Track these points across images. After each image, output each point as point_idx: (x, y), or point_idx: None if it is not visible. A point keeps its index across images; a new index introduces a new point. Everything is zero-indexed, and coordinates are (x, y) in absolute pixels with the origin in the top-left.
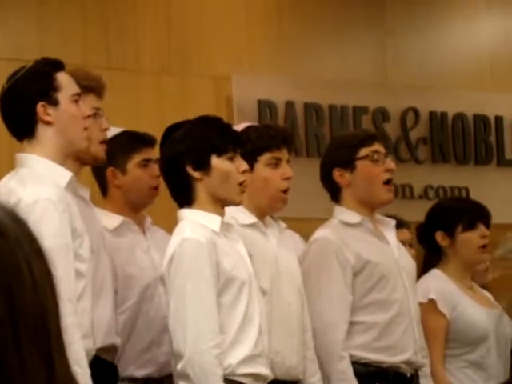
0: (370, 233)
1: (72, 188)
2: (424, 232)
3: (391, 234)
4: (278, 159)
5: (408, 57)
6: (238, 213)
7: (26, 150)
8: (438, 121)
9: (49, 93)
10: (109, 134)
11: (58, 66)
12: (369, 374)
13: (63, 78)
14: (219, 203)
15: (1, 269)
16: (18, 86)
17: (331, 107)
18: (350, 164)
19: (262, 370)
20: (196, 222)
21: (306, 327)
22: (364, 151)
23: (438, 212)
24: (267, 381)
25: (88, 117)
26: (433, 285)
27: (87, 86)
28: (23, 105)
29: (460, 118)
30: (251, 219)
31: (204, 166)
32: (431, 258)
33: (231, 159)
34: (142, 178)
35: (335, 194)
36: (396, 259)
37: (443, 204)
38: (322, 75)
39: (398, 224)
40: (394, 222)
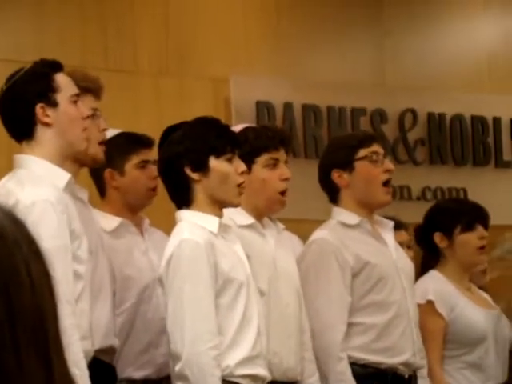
0: (369, 234)
1: (70, 189)
2: (422, 233)
3: (389, 236)
4: (275, 160)
5: (406, 58)
6: (235, 214)
7: (24, 152)
8: (435, 122)
9: (47, 94)
10: (107, 135)
11: (57, 67)
12: (367, 375)
13: (62, 79)
14: (217, 204)
15: None
16: (16, 88)
17: (329, 108)
18: (348, 165)
19: (260, 371)
20: (194, 224)
21: (303, 328)
22: (363, 152)
23: (436, 213)
24: (265, 382)
25: (87, 117)
26: (431, 286)
27: (85, 87)
28: (22, 106)
29: (458, 119)
30: (249, 220)
31: (202, 168)
32: (429, 259)
33: (229, 160)
34: (140, 180)
35: (333, 195)
36: (394, 261)
37: (441, 205)
38: (320, 77)
39: (396, 225)
40: (392, 223)
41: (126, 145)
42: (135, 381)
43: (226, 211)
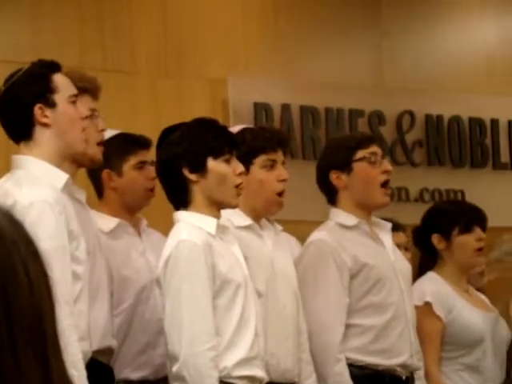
0: (367, 235)
1: (68, 190)
2: (420, 235)
3: (387, 237)
4: (273, 161)
5: (404, 60)
6: (233, 215)
7: (22, 152)
8: (433, 124)
9: (46, 95)
10: (105, 135)
11: (55, 67)
12: (364, 376)
13: (60, 80)
14: (215, 205)
15: None
16: (14, 89)
17: (327, 110)
18: (346, 166)
19: (257, 372)
20: (192, 224)
21: (301, 329)
22: (361, 153)
23: (434, 215)
24: (263, 383)
25: (85, 118)
26: (428, 288)
27: (82, 87)
28: (20, 107)
29: (456, 121)
30: (246, 221)
31: (200, 169)
32: (427, 260)
33: (227, 161)
34: (138, 180)
35: (331, 196)
36: (392, 262)
37: (439, 207)
38: (318, 78)
39: (393, 227)
40: (389, 224)
41: (123, 146)
42: (132, 382)
43: (224, 212)
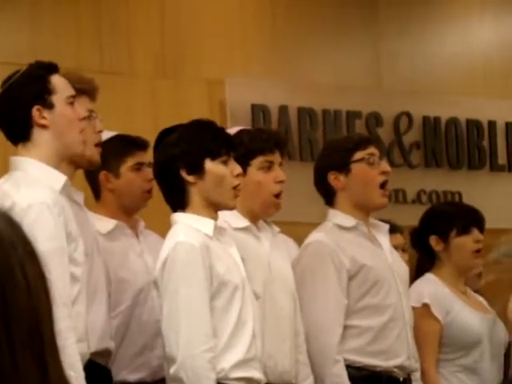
0: (365, 237)
1: (66, 192)
2: (418, 236)
3: (384, 239)
4: (270, 163)
5: (401, 61)
6: (230, 216)
7: (20, 154)
8: (431, 125)
9: (44, 96)
10: (102, 137)
11: (52, 68)
12: (362, 377)
13: (58, 81)
14: (213, 207)
15: None
16: (12, 91)
17: (325, 112)
18: (345, 167)
19: (255, 374)
20: (189, 226)
21: (298, 331)
22: (359, 154)
23: (432, 216)
24: None
25: (83, 119)
26: (426, 289)
27: (80, 88)
28: (18, 109)
29: (453, 122)
30: (244, 223)
31: (198, 170)
32: (425, 262)
33: (225, 163)
34: (135, 182)
35: (329, 197)
36: (390, 264)
37: (437, 208)
38: (316, 80)
39: (391, 229)
40: (387, 226)
41: (121, 147)
42: (130, 383)
43: (221, 214)
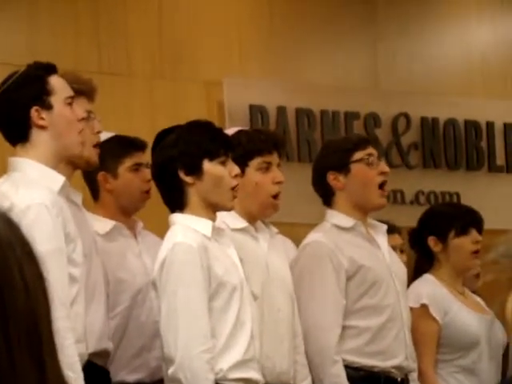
0: (363, 237)
1: (65, 192)
2: (416, 237)
3: (383, 239)
4: (268, 163)
5: (399, 62)
6: (228, 217)
7: (19, 154)
8: (429, 126)
9: (42, 97)
10: (100, 138)
11: (51, 69)
12: (360, 378)
13: (56, 82)
14: (211, 208)
15: None
16: (10, 92)
17: (323, 112)
18: (344, 167)
19: (253, 374)
20: (187, 227)
21: (296, 332)
22: (358, 154)
23: (430, 217)
24: None
25: (82, 119)
26: (425, 290)
27: (78, 89)
28: (17, 110)
29: (451, 123)
30: (242, 224)
31: (196, 171)
32: (423, 263)
33: (223, 163)
34: (134, 183)
35: (328, 197)
36: (388, 264)
37: (436, 209)
38: (314, 80)
39: (389, 229)
40: (385, 226)
41: (119, 148)
42: None
43: (219, 214)
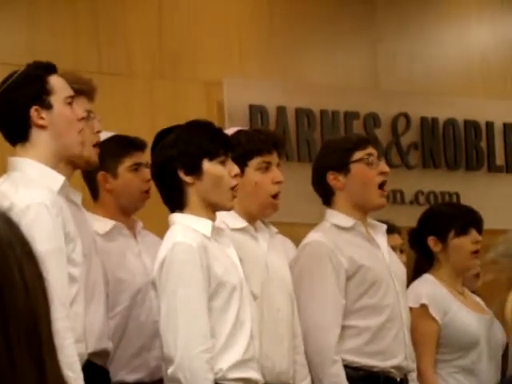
0: (362, 237)
1: (65, 192)
2: (416, 237)
3: (382, 239)
4: (268, 163)
5: (399, 62)
6: (228, 217)
7: (18, 154)
8: (429, 126)
9: (42, 97)
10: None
11: (50, 69)
12: (359, 377)
13: (56, 81)
14: (211, 208)
15: None
16: (10, 91)
17: (322, 112)
18: (344, 167)
19: (253, 374)
20: (187, 227)
21: (296, 332)
22: (358, 154)
23: (430, 217)
24: None
25: (82, 119)
26: (424, 290)
27: (78, 89)
28: (16, 109)
29: (451, 123)
30: (242, 223)
31: (196, 171)
32: (423, 263)
33: (223, 163)
34: (133, 182)
35: (327, 197)
36: (387, 264)
37: (436, 209)
38: (314, 80)
39: (389, 229)
40: (385, 226)
41: (118, 148)
42: None
43: (219, 214)
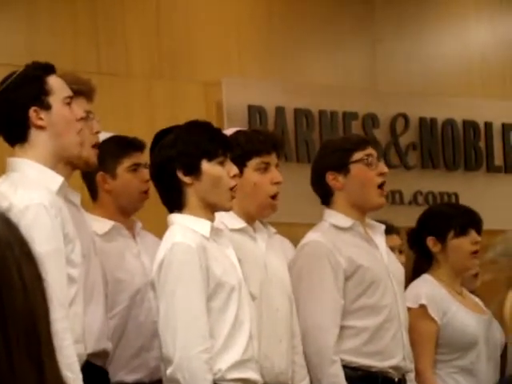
0: (361, 237)
1: (63, 193)
2: (415, 237)
3: (381, 239)
4: (266, 164)
5: (398, 63)
6: (227, 217)
7: (17, 155)
8: (427, 127)
9: (40, 97)
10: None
11: (49, 69)
12: (358, 378)
13: (54, 82)
14: (209, 208)
15: None
16: (9, 92)
17: (321, 113)
18: (343, 168)
19: (251, 374)
20: (186, 227)
21: (294, 332)
22: (358, 155)
23: (429, 217)
24: None
25: (81, 119)
26: (423, 290)
27: (77, 89)
28: (15, 110)
29: (450, 123)
30: (240, 224)
31: (194, 171)
32: (421, 263)
33: (221, 164)
34: (132, 183)
35: (326, 197)
36: (386, 264)
37: (435, 209)
38: (312, 81)
39: (387, 230)
40: (383, 226)
41: (117, 148)
42: None
43: (218, 215)
